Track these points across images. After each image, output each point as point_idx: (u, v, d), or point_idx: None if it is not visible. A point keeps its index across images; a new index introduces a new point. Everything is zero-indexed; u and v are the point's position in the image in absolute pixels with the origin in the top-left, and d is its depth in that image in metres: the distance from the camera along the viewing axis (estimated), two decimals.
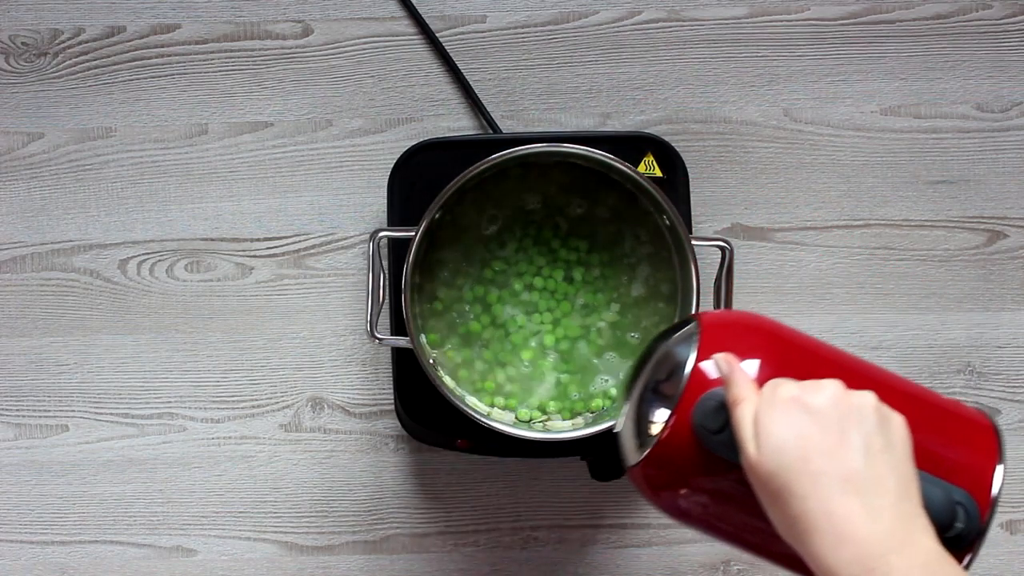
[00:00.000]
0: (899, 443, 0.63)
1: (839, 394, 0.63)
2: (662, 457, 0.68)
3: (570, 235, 0.95)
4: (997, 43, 1.03)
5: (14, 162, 1.02)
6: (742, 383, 0.65)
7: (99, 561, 1.02)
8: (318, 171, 1.02)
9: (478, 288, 0.94)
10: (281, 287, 1.02)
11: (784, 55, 1.03)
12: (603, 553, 1.03)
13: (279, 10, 1.02)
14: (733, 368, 0.66)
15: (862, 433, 0.62)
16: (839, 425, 0.62)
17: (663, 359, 0.73)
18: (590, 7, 1.02)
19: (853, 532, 0.60)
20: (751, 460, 0.62)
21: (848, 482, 0.61)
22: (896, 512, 0.60)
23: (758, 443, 0.62)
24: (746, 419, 0.63)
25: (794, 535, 0.62)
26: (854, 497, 0.60)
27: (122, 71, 1.02)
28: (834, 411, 0.62)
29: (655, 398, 0.71)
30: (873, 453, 0.62)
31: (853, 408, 0.63)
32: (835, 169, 1.03)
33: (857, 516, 0.60)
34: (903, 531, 0.60)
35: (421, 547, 1.03)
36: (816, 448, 0.61)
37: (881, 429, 0.63)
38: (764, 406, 0.63)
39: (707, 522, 0.70)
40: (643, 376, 0.73)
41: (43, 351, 1.02)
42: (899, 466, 0.62)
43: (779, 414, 0.62)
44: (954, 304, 1.03)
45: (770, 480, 0.62)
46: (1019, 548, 1.03)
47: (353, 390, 1.03)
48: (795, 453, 0.61)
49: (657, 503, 0.71)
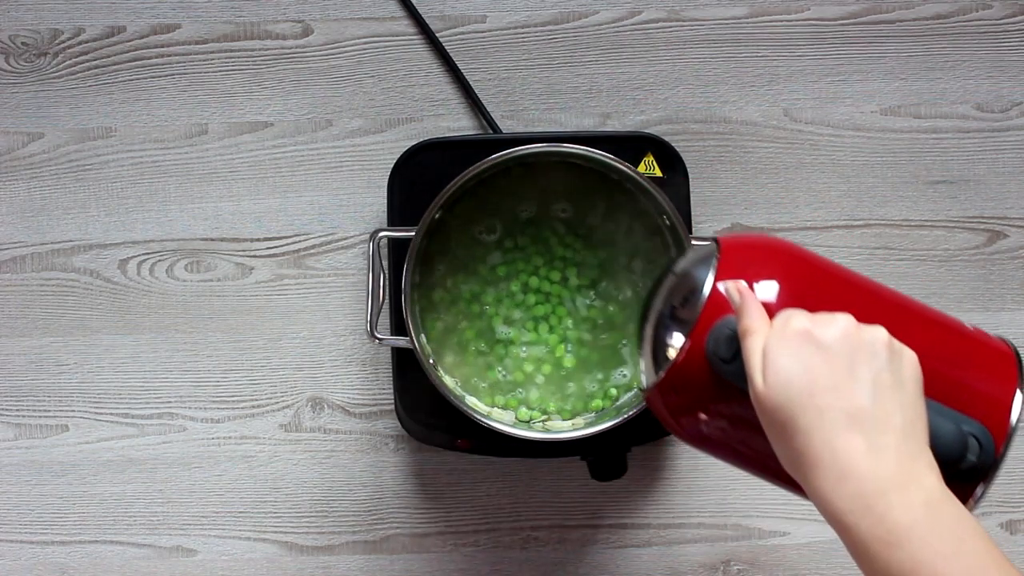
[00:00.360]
0: (909, 380, 0.63)
1: (850, 328, 0.62)
2: (677, 381, 0.68)
3: (569, 235, 0.95)
4: (997, 43, 1.03)
5: (14, 162, 1.02)
6: (754, 313, 0.64)
7: (99, 561, 1.02)
8: (318, 171, 1.02)
9: (477, 288, 0.94)
10: (281, 287, 1.02)
11: (784, 55, 1.03)
12: (603, 553, 1.03)
13: (279, 10, 1.02)
14: (745, 297, 0.65)
15: (871, 369, 0.62)
16: (848, 360, 0.62)
17: (680, 281, 0.72)
18: (590, 7, 1.02)
19: (855, 468, 0.60)
20: (758, 392, 0.62)
21: (853, 418, 0.60)
22: (900, 450, 0.60)
23: (765, 376, 0.62)
24: (756, 351, 0.63)
25: (797, 469, 0.62)
26: (858, 434, 0.60)
27: (122, 71, 1.02)
28: (844, 346, 0.62)
29: (671, 322, 0.70)
30: (881, 390, 0.61)
31: (864, 343, 0.62)
32: (835, 169, 1.03)
33: (860, 453, 0.60)
34: (906, 469, 0.60)
35: (421, 547, 1.03)
36: (823, 383, 0.61)
37: (891, 365, 0.62)
38: (774, 339, 0.62)
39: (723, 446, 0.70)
40: (660, 298, 0.72)
41: (43, 351, 1.02)
42: (907, 403, 0.62)
43: (788, 347, 0.62)
44: (954, 304, 1.03)
45: (775, 413, 0.61)
46: (1019, 548, 1.03)
47: (353, 390, 1.03)
48: (801, 387, 0.61)
49: (673, 427, 0.70)
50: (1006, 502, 1.03)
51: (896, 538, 0.58)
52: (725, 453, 0.70)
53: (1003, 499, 1.03)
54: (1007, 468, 1.05)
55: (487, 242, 0.95)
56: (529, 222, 0.95)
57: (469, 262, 0.94)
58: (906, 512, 0.59)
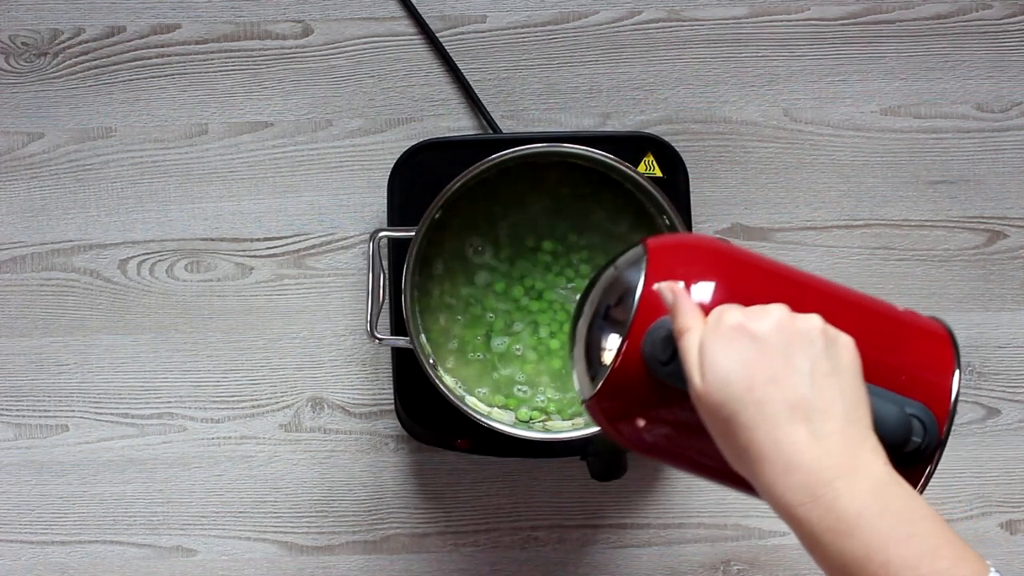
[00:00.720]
0: (847, 365, 0.62)
1: (784, 319, 0.62)
2: (615, 387, 0.66)
3: (570, 235, 0.95)
4: (997, 43, 1.03)
5: (14, 162, 1.02)
6: (688, 311, 0.63)
7: (99, 561, 1.02)
8: (318, 171, 1.02)
9: (477, 288, 0.94)
10: (281, 287, 1.02)
11: (784, 55, 1.03)
12: (603, 553, 1.03)
13: (279, 10, 1.02)
14: (678, 296, 0.64)
15: (808, 358, 0.61)
16: (784, 351, 0.61)
17: (612, 284, 0.71)
18: (590, 7, 1.02)
19: (800, 459, 0.59)
20: (698, 391, 0.61)
21: (794, 408, 0.60)
22: (844, 437, 0.59)
23: (703, 373, 0.61)
24: (692, 349, 0.62)
25: (743, 464, 0.61)
26: (801, 423, 0.59)
27: (122, 71, 1.02)
28: (779, 336, 0.61)
29: (606, 324, 0.69)
30: (819, 377, 0.60)
31: (799, 332, 0.61)
32: (835, 169, 1.03)
33: (803, 442, 0.59)
34: (851, 455, 0.59)
35: (421, 547, 1.03)
36: (761, 376, 0.60)
37: (828, 352, 0.61)
38: (708, 335, 0.61)
39: (667, 451, 0.68)
40: (591, 302, 0.71)
41: (43, 351, 1.02)
42: (847, 389, 0.61)
43: (723, 343, 0.61)
44: (954, 304, 1.03)
45: (717, 411, 0.61)
46: (1019, 548, 1.03)
47: (353, 390, 1.02)
48: (740, 382, 0.60)
49: (615, 435, 0.69)
50: (1006, 502, 1.03)
51: (847, 526, 0.58)
52: (670, 458, 0.69)
53: (1003, 499, 1.03)
54: (1007, 468, 1.05)
55: (487, 242, 0.95)
56: (529, 222, 0.95)
57: (469, 262, 0.94)
58: (854, 499, 0.58)
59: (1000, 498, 1.03)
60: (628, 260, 0.71)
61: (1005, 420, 1.04)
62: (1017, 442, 1.04)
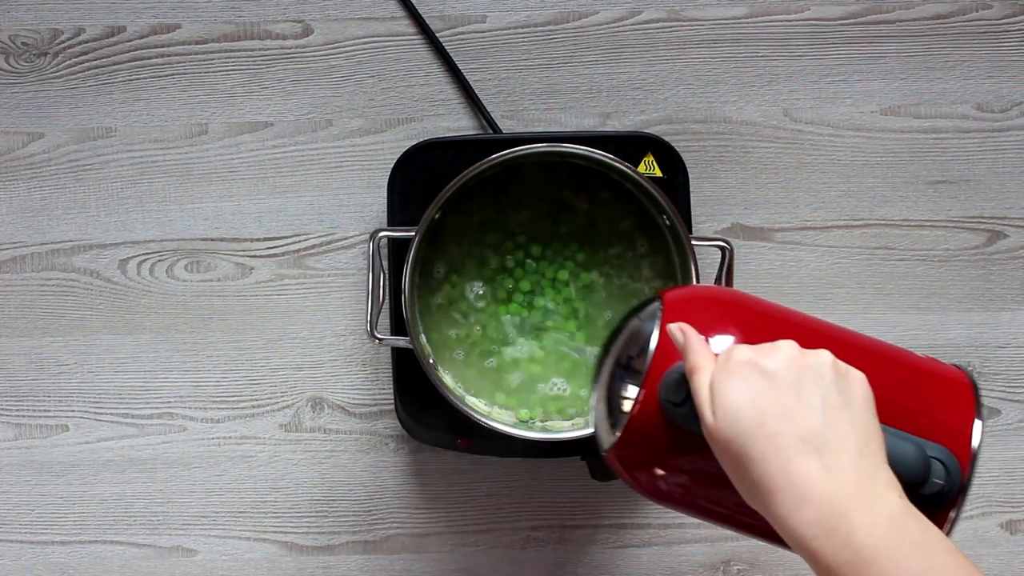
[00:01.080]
0: (859, 399, 0.62)
1: (794, 354, 0.62)
2: (633, 436, 0.67)
3: (569, 235, 0.95)
4: (997, 43, 1.03)
5: (14, 162, 1.02)
6: (699, 351, 0.64)
7: (99, 561, 1.02)
8: (318, 171, 1.02)
9: (477, 288, 0.94)
10: (281, 287, 1.02)
11: (784, 55, 1.03)
12: (603, 553, 1.03)
13: (279, 10, 1.02)
14: (688, 336, 0.65)
15: (819, 391, 0.61)
16: (795, 385, 0.61)
17: (632, 336, 0.72)
18: (590, 7, 1.02)
19: (813, 491, 0.59)
20: (709, 427, 0.62)
21: (806, 442, 0.60)
22: (857, 469, 0.59)
23: (714, 409, 0.61)
24: (703, 387, 0.62)
25: (757, 500, 0.61)
26: (813, 456, 0.59)
27: (122, 71, 1.02)
28: (789, 371, 0.61)
29: (626, 375, 0.70)
30: (830, 410, 0.61)
31: (808, 367, 0.62)
32: (835, 169, 1.03)
33: (816, 475, 0.59)
34: (865, 487, 0.59)
35: (421, 547, 1.03)
36: (771, 410, 0.60)
37: (838, 386, 0.62)
38: (719, 372, 0.62)
39: (686, 501, 0.69)
40: (612, 354, 0.72)
41: (43, 351, 1.02)
42: (859, 422, 0.61)
43: (733, 379, 0.61)
44: (954, 304, 1.03)
45: (729, 446, 0.61)
46: (1019, 548, 1.04)
47: (353, 390, 1.03)
48: (751, 417, 0.60)
49: (635, 485, 0.70)
50: (1006, 502, 1.03)
51: (863, 559, 0.57)
52: (687, 507, 0.70)
53: (1003, 499, 1.03)
54: (1007, 468, 1.05)
55: (487, 242, 0.95)
56: (529, 223, 0.95)
57: (469, 262, 0.94)
58: (870, 532, 0.58)
59: (1000, 498, 1.03)
60: (648, 313, 0.72)
61: (1005, 420, 1.04)
62: (1017, 442, 1.04)
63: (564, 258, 0.95)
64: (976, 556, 1.02)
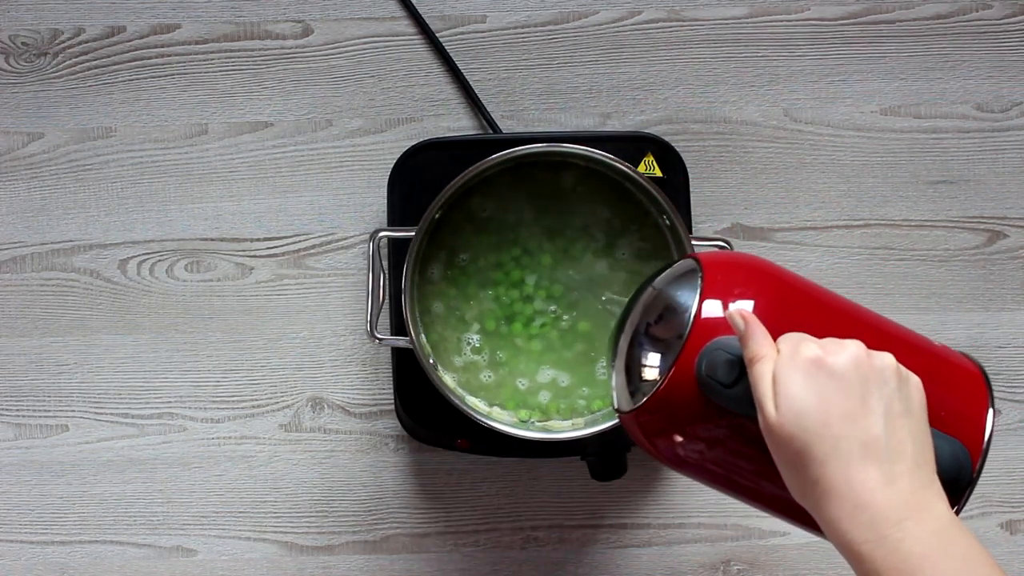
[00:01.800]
0: (917, 407, 0.63)
1: (860, 355, 0.62)
2: (662, 404, 0.67)
3: (569, 235, 0.95)
4: (997, 43, 1.03)
5: (14, 162, 1.02)
6: (761, 339, 0.63)
7: (99, 561, 1.02)
8: (318, 171, 1.02)
9: (477, 288, 0.94)
10: (281, 287, 1.02)
11: (784, 55, 1.03)
12: (603, 553, 1.03)
13: (279, 10, 1.02)
14: (751, 324, 0.64)
15: (883, 397, 0.62)
16: (860, 388, 0.61)
17: (655, 300, 0.71)
18: (590, 7, 1.02)
19: (871, 499, 0.60)
20: (770, 421, 0.62)
21: (868, 448, 0.60)
22: (913, 478, 0.60)
23: (778, 404, 0.61)
24: (765, 378, 0.62)
25: (809, 498, 0.62)
26: (873, 464, 0.60)
27: (122, 71, 1.02)
28: (855, 374, 0.62)
29: (647, 341, 0.69)
30: (893, 418, 0.61)
31: (874, 370, 0.62)
32: (835, 169, 1.03)
33: (875, 483, 0.60)
34: (919, 497, 0.60)
35: (421, 547, 1.03)
36: (837, 412, 0.61)
37: (901, 393, 0.62)
38: (784, 366, 0.62)
39: (702, 468, 0.69)
40: (633, 318, 0.71)
41: (43, 351, 1.02)
42: (916, 431, 0.62)
43: (800, 375, 0.61)
44: (954, 304, 1.03)
45: (789, 443, 0.61)
46: (1019, 548, 1.04)
47: (353, 390, 1.02)
48: (816, 416, 0.61)
49: (649, 449, 0.69)
50: (1006, 502, 1.03)
51: (909, 566, 0.58)
52: (702, 474, 0.69)
53: (1003, 499, 1.03)
54: (1007, 468, 1.05)
55: (487, 242, 0.95)
56: (529, 222, 0.95)
57: (469, 262, 0.94)
58: (920, 541, 0.59)
59: (1000, 498, 1.03)
60: (673, 275, 0.71)
61: (1005, 420, 1.04)
62: (1017, 442, 1.04)
63: (563, 258, 0.95)
64: None
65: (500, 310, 0.94)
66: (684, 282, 0.69)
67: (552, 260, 0.95)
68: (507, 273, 0.95)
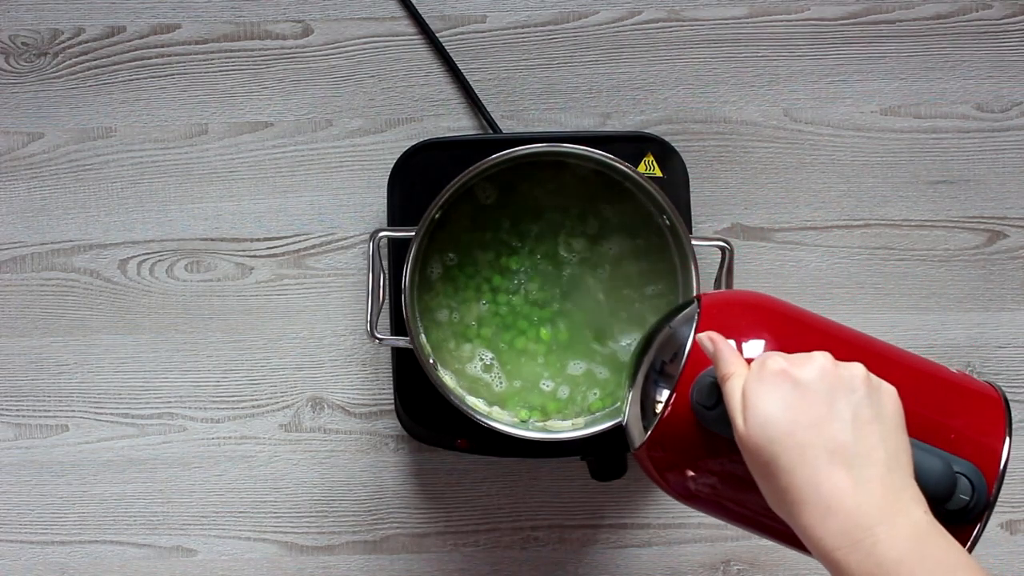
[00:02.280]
0: (890, 413, 0.63)
1: (827, 366, 0.63)
2: (664, 436, 0.68)
3: (570, 235, 0.95)
4: (997, 43, 1.03)
5: (14, 162, 1.02)
6: (729, 358, 0.65)
7: (99, 561, 1.02)
8: (318, 171, 1.02)
9: (477, 288, 0.94)
10: (281, 287, 1.02)
11: (784, 55, 1.03)
12: (603, 553, 1.03)
13: (279, 10, 1.02)
14: (718, 344, 0.66)
15: (850, 404, 0.62)
16: (827, 397, 0.62)
17: (666, 340, 0.73)
18: (590, 7, 1.02)
19: (840, 503, 0.60)
20: (739, 433, 0.63)
21: (835, 453, 0.60)
22: (885, 483, 0.60)
23: (745, 416, 0.62)
24: (735, 393, 0.63)
25: (783, 507, 0.62)
26: (842, 468, 0.60)
27: (122, 71, 1.02)
28: (822, 383, 0.62)
29: (660, 379, 0.71)
30: (861, 424, 0.61)
31: (841, 379, 0.62)
32: (835, 169, 1.03)
33: (845, 487, 0.60)
34: (892, 502, 0.60)
35: (421, 547, 1.03)
36: (803, 420, 0.61)
37: (870, 400, 0.62)
38: (752, 380, 0.63)
39: (713, 502, 0.70)
40: (647, 358, 0.73)
41: (43, 351, 1.02)
42: (889, 436, 0.62)
43: (766, 387, 0.62)
44: (954, 304, 1.03)
45: (758, 453, 0.62)
46: (1019, 548, 1.03)
47: (353, 390, 1.03)
48: (781, 426, 0.61)
49: (663, 485, 0.71)
50: (1006, 502, 1.03)
51: (885, 571, 0.58)
52: (714, 508, 0.71)
53: (1003, 499, 1.03)
54: (1007, 468, 1.05)
55: (487, 242, 0.95)
56: (529, 222, 0.95)
57: (469, 262, 0.94)
58: (894, 545, 0.58)
59: (1000, 498, 1.03)
60: (682, 317, 0.73)
61: None
62: (1017, 442, 1.03)
63: (564, 258, 0.95)
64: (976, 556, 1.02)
65: (500, 310, 0.94)
66: (687, 321, 0.71)
67: (552, 260, 0.95)
68: (507, 273, 0.95)
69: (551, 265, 0.95)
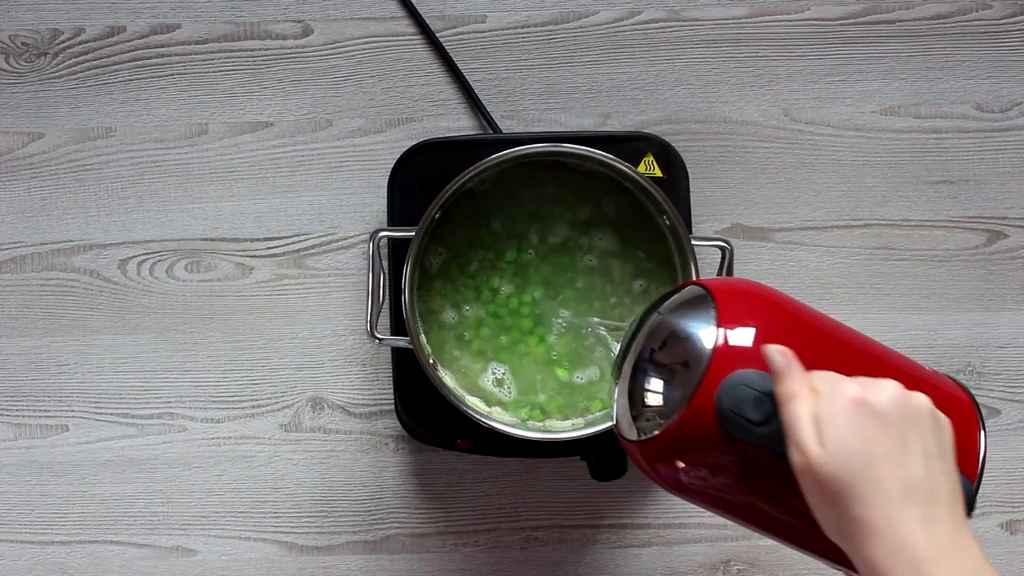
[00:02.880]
0: (948, 448, 0.64)
1: (899, 396, 0.63)
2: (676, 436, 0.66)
3: (570, 235, 0.95)
4: (997, 43, 1.03)
5: (14, 162, 1.02)
6: (798, 378, 0.64)
7: (99, 561, 1.02)
8: (318, 171, 1.02)
9: (477, 288, 0.94)
10: (281, 287, 1.02)
11: (784, 55, 1.03)
12: (603, 553, 1.03)
13: (279, 10, 1.02)
14: (791, 362, 0.64)
15: (920, 438, 0.63)
16: (900, 429, 0.62)
17: (660, 327, 0.71)
18: (590, 7, 1.02)
19: (912, 540, 0.60)
20: (813, 460, 0.62)
21: (909, 490, 0.61)
22: (950, 520, 0.62)
23: (825, 444, 0.62)
24: (803, 417, 0.63)
25: (847, 537, 0.62)
26: (915, 505, 0.61)
27: (122, 71, 1.02)
28: (896, 414, 0.63)
29: (652, 368, 0.69)
30: (930, 460, 0.63)
31: (912, 411, 0.63)
32: (835, 169, 1.03)
33: (917, 524, 0.61)
34: (955, 538, 0.61)
35: (421, 547, 1.03)
36: (880, 453, 0.62)
37: (936, 435, 0.64)
38: (827, 405, 0.63)
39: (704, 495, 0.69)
40: (636, 347, 0.71)
41: (43, 351, 1.02)
42: (949, 472, 0.63)
43: (845, 415, 0.62)
44: (954, 304, 1.03)
45: (831, 482, 0.62)
46: (1019, 548, 1.03)
47: (353, 390, 1.02)
48: (860, 457, 0.61)
49: (651, 475, 0.70)
50: (1006, 502, 1.03)
51: None
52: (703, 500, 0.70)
53: (1003, 499, 1.03)
54: (1007, 468, 1.05)
55: (487, 242, 0.95)
56: (529, 222, 0.95)
57: (469, 262, 0.94)
58: None
59: (1000, 498, 1.03)
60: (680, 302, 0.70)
61: (1005, 420, 1.04)
62: (1017, 442, 1.04)
63: (564, 258, 0.95)
64: None
65: (500, 310, 0.94)
66: (693, 310, 0.69)
67: (552, 260, 0.95)
68: (507, 273, 0.95)
69: (551, 265, 0.95)
